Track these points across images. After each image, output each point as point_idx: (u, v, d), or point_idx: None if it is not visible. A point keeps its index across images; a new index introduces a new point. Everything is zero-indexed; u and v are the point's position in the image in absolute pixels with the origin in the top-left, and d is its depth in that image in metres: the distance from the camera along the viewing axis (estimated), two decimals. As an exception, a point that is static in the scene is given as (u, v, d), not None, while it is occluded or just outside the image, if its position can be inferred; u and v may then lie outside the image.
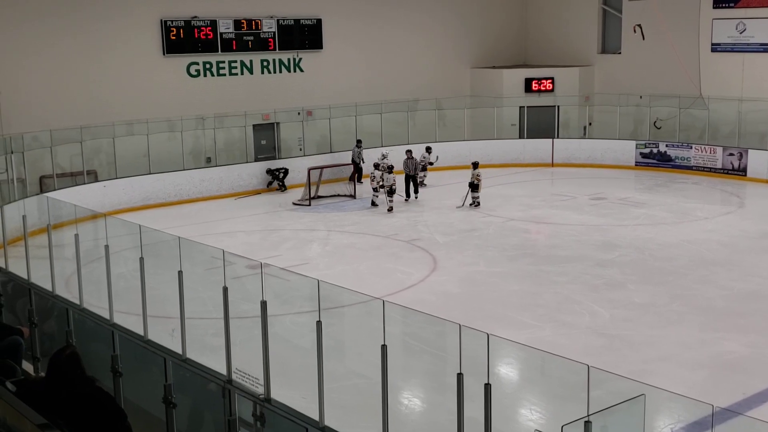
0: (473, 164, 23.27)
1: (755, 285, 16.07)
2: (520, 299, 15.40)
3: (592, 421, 5.90)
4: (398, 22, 30.83)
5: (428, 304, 14.32)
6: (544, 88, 31.51)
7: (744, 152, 26.33)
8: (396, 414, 8.58)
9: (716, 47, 28.77)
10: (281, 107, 27.92)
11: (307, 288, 10.83)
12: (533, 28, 34.26)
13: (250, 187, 25.98)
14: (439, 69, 31.91)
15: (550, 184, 26.23)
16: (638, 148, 28.63)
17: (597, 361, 8.59)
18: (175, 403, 8.79)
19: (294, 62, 28.59)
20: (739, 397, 11.03)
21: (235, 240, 19.91)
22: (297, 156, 27.54)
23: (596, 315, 14.55)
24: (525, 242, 19.51)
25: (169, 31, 25.94)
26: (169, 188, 24.48)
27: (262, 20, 27.61)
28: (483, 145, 29.70)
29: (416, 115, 30.11)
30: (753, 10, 27.68)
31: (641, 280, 16.47)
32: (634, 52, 30.79)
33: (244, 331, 9.11)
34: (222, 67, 27.16)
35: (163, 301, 10.18)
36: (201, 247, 12.10)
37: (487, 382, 6.53)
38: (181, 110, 25.90)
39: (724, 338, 13.32)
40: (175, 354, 9.14)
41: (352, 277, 16.52)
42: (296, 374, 9.94)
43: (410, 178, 24.24)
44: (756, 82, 27.62)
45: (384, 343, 7.17)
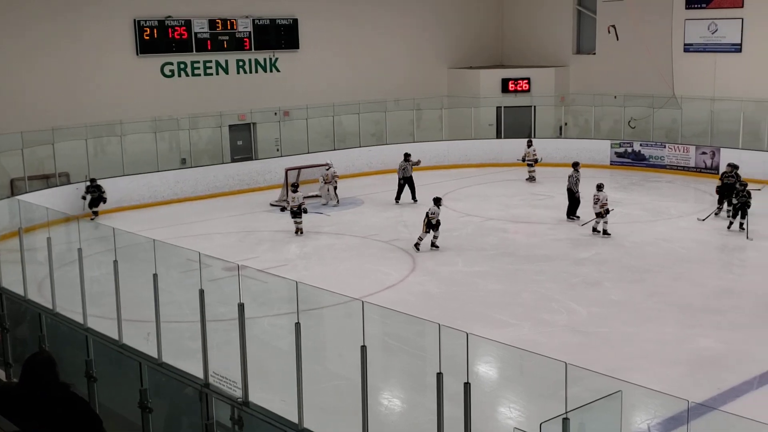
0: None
1: (729, 282, 16.21)
2: (499, 298, 15.43)
3: (570, 418, 5.92)
4: (375, 23, 30.81)
5: (408, 305, 14.30)
6: (521, 88, 31.62)
7: (716, 151, 26.56)
8: (376, 415, 8.55)
9: (689, 47, 29.00)
10: (257, 107, 27.80)
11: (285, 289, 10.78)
12: (509, 29, 34.37)
13: (226, 188, 25.83)
14: (416, 69, 31.93)
15: (527, 184, 26.29)
16: (613, 148, 28.79)
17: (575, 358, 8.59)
18: (151, 407, 8.72)
19: (270, 62, 28.48)
20: (714, 392, 11.13)
21: (212, 242, 19.78)
22: (274, 156, 27.43)
23: (574, 313, 14.61)
24: (503, 241, 19.56)
25: (142, 31, 25.74)
26: (143, 190, 24.29)
27: (237, 20, 27.47)
28: (460, 145, 29.77)
29: (394, 116, 30.09)
30: (724, 10, 27.94)
31: (617, 278, 16.56)
32: (608, 52, 30.97)
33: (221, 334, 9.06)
34: (197, 68, 26.99)
35: (138, 305, 10.08)
36: (176, 249, 12.00)
37: (467, 381, 6.53)
38: (156, 111, 25.72)
39: (700, 334, 13.43)
40: (151, 358, 9.06)
41: (331, 278, 16.45)
42: (275, 377, 9.88)
43: (405, 181, 23.68)
44: (727, 81, 27.87)
45: (363, 344, 7.14)
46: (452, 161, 28.81)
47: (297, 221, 20.20)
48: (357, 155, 28.56)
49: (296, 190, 20.65)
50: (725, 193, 20.68)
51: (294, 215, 20.23)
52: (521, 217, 21.90)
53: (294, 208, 20.19)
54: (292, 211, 20.26)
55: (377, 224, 21.40)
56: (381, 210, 23.07)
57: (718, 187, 21.06)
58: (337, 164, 26.18)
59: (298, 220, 20.19)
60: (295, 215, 20.20)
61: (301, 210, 20.19)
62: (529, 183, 26.29)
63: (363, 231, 20.72)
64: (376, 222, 21.68)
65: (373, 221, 21.80)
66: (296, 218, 20.20)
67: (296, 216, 20.19)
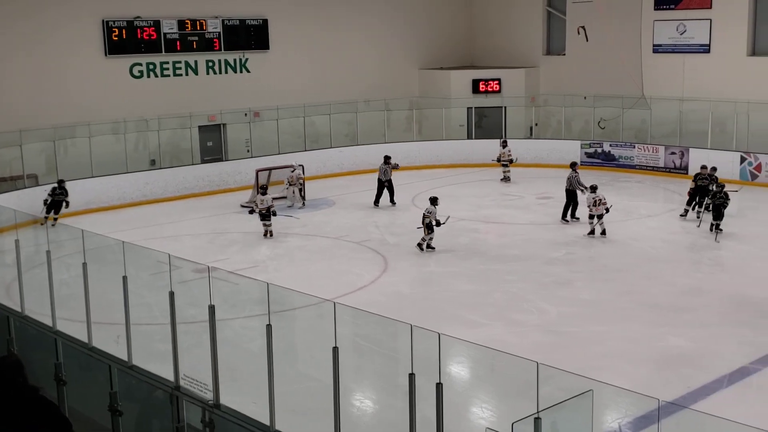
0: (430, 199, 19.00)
1: (698, 281, 16.38)
2: (471, 298, 15.46)
3: (541, 417, 5.94)
4: (345, 24, 30.78)
5: (379, 305, 14.29)
6: (491, 89, 31.75)
7: (685, 151, 26.83)
8: (348, 416, 8.53)
9: (657, 48, 29.29)
10: (227, 108, 27.67)
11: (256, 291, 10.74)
12: (479, 29, 34.50)
13: (196, 189, 25.67)
14: (387, 70, 31.95)
15: (498, 184, 26.40)
16: (583, 148, 28.99)
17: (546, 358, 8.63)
18: (121, 411, 8.65)
19: (240, 63, 28.36)
20: (684, 390, 11.22)
21: (182, 243, 19.65)
22: (244, 157, 27.30)
23: (545, 312, 14.68)
24: (475, 242, 19.61)
25: (111, 32, 25.51)
26: (112, 191, 24.07)
27: (206, 20, 27.32)
28: (432, 145, 29.83)
29: (365, 116, 30.08)
30: (693, 11, 28.25)
31: (588, 277, 16.67)
32: (578, 53, 31.19)
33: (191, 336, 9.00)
34: (166, 68, 26.80)
35: (107, 307, 9.99)
36: (146, 251, 11.90)
37: (439, 381, 6.53)
38: (125, 112, 25.50)
39: (670, 333, 13.54)
40: (121, 361, 9.00)
41: (303, 280, 16.39)
42: (246, 379, 9.84)
43: (385, 184, 23.35)
44: (696, 82, 28.18)
45: (335, 345, 7.13)
46: (423, 162, 28.86)
47: (266, 224, 20.00)
48: (328, 156, 28.52)
49: (265, 192, 20.46)
50: (698, 196, 20.72)
51: (263, 218, 20.00)
52: (492, 218, 21.98)
53: (263, 211, 19.99)
54: (260, 213, 20.05)
55: (349, 225, 21.37)
56: (352, 211, 23.04)
57: (692, 189, 21.00)
58: (308, 165, 26.14)
59: (267, 222, 19.99)
60: (264, 218, 19.97)
61: (270, 212, 20.01)
62: (503, 183, 26.39)
63: (334, 232, 20.68)
64: (347, 223, 21.65)
65: (344, 222, 21.77)
66: (265, 221, 19.99)
67: (265, 218, 19.97)
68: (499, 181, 26.51)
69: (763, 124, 26.24)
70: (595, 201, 19.21)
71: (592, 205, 19.31)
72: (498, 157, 26.87)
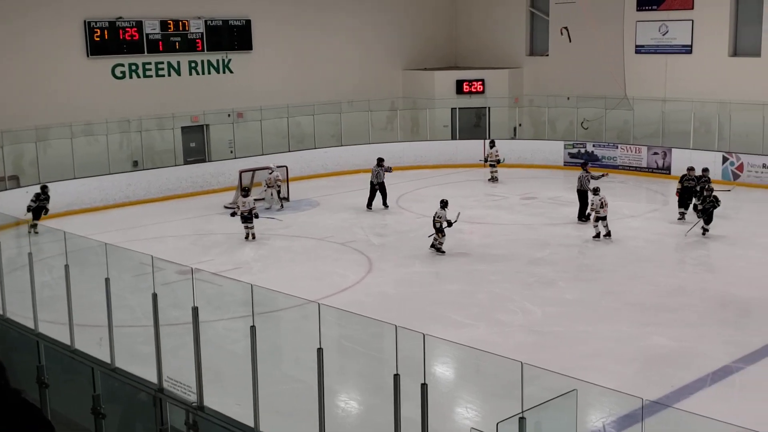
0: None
1: (681, 280, 16.45)
2: (455, 299, 15.47)
3: (526, 417, 5.95)
4: (329, 24, 30.74)
5: (364, 306, 14.29)
6: (475, 89, 31.79)
7: (668, 151, 26.97)
8: (333, 417, 8.52)
9: (640, 49, 29.44)
10: (210, 109, 27.58)
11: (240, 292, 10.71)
12: (463, 30, 34.54)
13: (179, 190, 25.56)
14: (371, 71, 31.93)
15: (482, 185, 26.45)
16: (566, 149, 29.08)
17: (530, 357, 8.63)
18: (104, 413, 8.61)
19: (223, 63, 28.26)
20: (668, 389, 11.26)
21: (165, 245, 19.56)
22: (228, 158, 27.22)
23: (529, 313, 14.71)
24: (459, 242, 19.60)
25: (92, 32, 25.36)
26: (94, 193, 23.93)
27: (189, 21, 27.21)
28: (416, 146, 29.84)
29: (349, 117, 30.06)
30: (675, 12, 28.41)
31: (572, 277, 16.72)
32: (561, 54, 31.28)
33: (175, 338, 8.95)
34: (148, 69, 26.68)
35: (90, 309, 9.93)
36: (129, 253, 11.85)
37: (424, 382, 6.53)
38: (107, 113, 25.36)
39: (653, 332, 13.59)
40: (104, 363, 8.95)
41: (287, 281, 16.35)
42: (230, 381, 9.81)
43: (377, 186, 23.01)
44: (678, 82, 28.34)
45: (320, 347, 7.11)
46: (407, 162, 28.87)
47: (248, 226, 19.83)
48: (312, 157, 28.49)
49: (247, 194, 20.31)
50: (686, 197, 20.73)
51: (245, 220, 19.82)
52: (477, 218, 21.99)
53: (245, 213, 19.81)
54: (242, 216, 19.87)
55: (333, 226, 21.34)
56: (337, 212, 23.00)
57: (679, 191, 20.95)
58: (292, 166, 26.10)
59: (250, 225, 19.82)
60: (246, 220, 19.79)
61: (252, 215, 19.84)
62: (491, 183, 26.43)
63: (319, 233, 20.65)
64: (332, 223, 21.62)
65: (329, 223, 21.74)
66: (247, 223, 19.82)
67: (247, 221, 19.79)
68: (487, 181, 26.55)
69: (744, 124, 26.43)
70: (602, 203, 19.01)
71: (599, 207, 19.02)
72: (485, 157, 26.92)
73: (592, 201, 19.31)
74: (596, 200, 19.08)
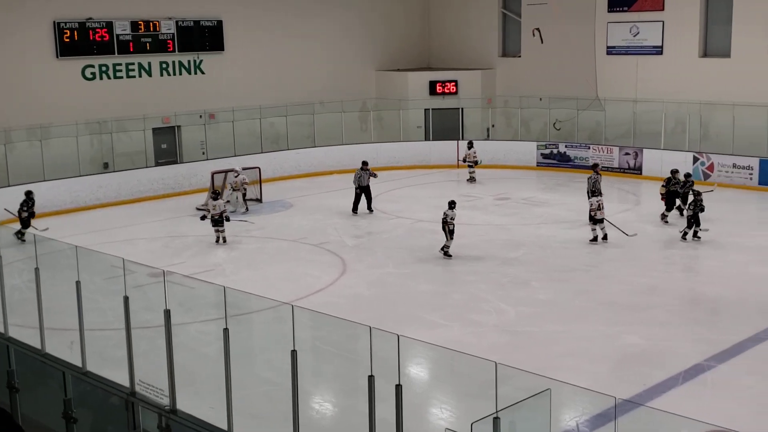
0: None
1: (653, 279, 16.57)
2: (430, 299, 15.49)
3: (500, 417, 5.97)
4: (301, 24, 30.65)
5: (338, 308, 14.26)
6: (448, 90, 31.86)
7: (639, 151, 27.20)
8: (307, 419, 8.48)
9: (611, 50, 29.65)
10: (182, 110, 27.41)
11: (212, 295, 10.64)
12: (436, 31, 34.61)
13: (151, 192, 25.37)
14: (343, 71, 31.89)
15: (456, 185, 26.51)
16: (539, 149, 29.23)
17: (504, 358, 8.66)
18: (75, 417, 8.54)
19: (194, 64, 28.10)
20: (641, 388, 11.34)
21: (136, 247, 19.40)
22: (200, 160, 27.07)
23: (503, 313, 14.75)
24: (433, 243, 19.61)
25: (62, 33, 25.11)
26: (64, 195, 23.69)
27: (160, 21, 27.03)
28: (390, 147, 29.84)
29: (323, 118, 30.01)
30: (646, 13, 28.65)
31: (545, 277, 16.79)
32: (533, 55, 31.43)
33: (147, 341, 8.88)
34: (119, 70, 26.45)
35: (60, 313, 9.83)
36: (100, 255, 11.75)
37: (398, 383, 6.52)
38: (77, 114, 25.11)
39: (626, 332, 13.69)
40: (75, 367, 8.87)
41: (260, 283, 16.30)
42: (203, 384, 9.74)
43: (363, 190, 22.54)
44: (649, 83, 28.57)
45: (294, 349, 7.08)
46: (381, 163, 28.85)
47: (219, 229, 19.58)
48: (285, 158, 28.41)
49: (217, 197, 20.04)
50: (671, 201, 20.78)
51: (215, 223, 19.53)
52: (450, 219, 22.02)
53: (215, 216, 19.55)
54: (213, 219, 19.59)
55: (307, 227, 21.28)
56: (310, 213, 22.95)
57: (664, 194, 20.86)
58: (265, 167, 26.02)
59: (221, 228, 19.57)
60: (217, 223, 19.52)
61: (223, 218, 19.60)
62: (468, 184, 26.48)
63: (292, 234, 20.58)
64: (305, 225, 21.56)
65: (302, 224, 21.67)
66: (218, 226, 19.55)
67: (218, 224, 19.53)
68: (465, 182, 26.61)
69: (715, 124, 26.71)
70: (599, 205, 18.99)
71: (597, 209, 18.99)
72: (464, 157, 27.01)
73: (590, 203, 19.29)
74: (594, 202, 19.09)
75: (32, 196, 20.55)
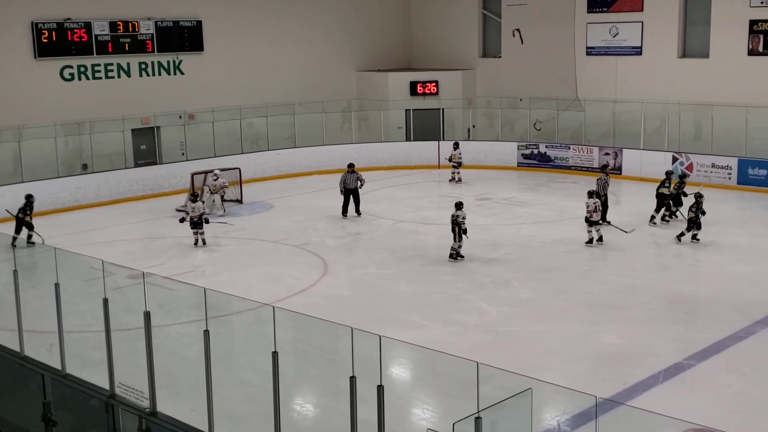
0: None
1: (632, 279, 16.67)
2: (411, 300, 15.50)
3: (482, 416, 5.98)
4: (281, 25, 30.60)
5: (320, 309, 14.23)
6: (429, 91, 31.89)
7: (619, 152, 27.35)
8: (288, 421, 8.46)
9: (591, 50, 29.81)
10: (161, 111, 27.28)
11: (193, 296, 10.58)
12: (416, 32, 34.65)
13: (130, 193, 25.24)
14: (324, 72, 31.85)
15: (437, 186, 26.55)
16: (519, 150, 29.33)
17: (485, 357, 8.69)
18: (55, 420, 8.48)
19: (174, 65, 27.96)
20: (621, 387, 11.40)
21: (116, 249, 19.28)
22: (179, 161, 26.94)
23: (484, 313, 14.78)
24: (414, 243, 19.67)
25: (40, 34, 24.92)
26: (43, 197, 23.44)
27: (139, 22, 26.88)
28: (370, 147, 29.83)
29: (303, 119, 29.96)
30: (625, 14, 28.83)
31: (526, 277, 16.84)
32: (513, 55, 31.52)
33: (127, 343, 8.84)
34: (98, 71, 26.28)
35: (39, 315, 9.76)
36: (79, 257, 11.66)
37: (380, 383, 6.52)
38: (56, 115, 24.94)
39: (605, 331, 13.76)
40: (54, 370, 8.81)
41: (241, 284, 16.25)
42: (184, 386, 9.70)
43: (350, 193, 22.11)
44: (628, 83, 28.75)
45: (275, 350, 7.07)
46: (362, 164, 28.77)
47: (198, 232, 19.39)
48: (266, 159, 28.35)
49: (196, 199, 19.81)
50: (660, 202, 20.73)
51: (194, 226, 19.32)
52: (431, 219, 22.06)
53: (194, 218, 19.34)
54: (192, 221, 19.38)
55: (287, 228, 21.23)
56: (291, 214, 22.90)
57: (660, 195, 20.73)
58: (246, 168, 25.96)
59: (200, 230, 19.39)
60: (196, 225, 19.32)
61: (203, 220, 19.43)
62: (452, 184, 26.49)
63: (273, 235, 20.53)
64: (286, 226, 21.51)
65: (283, 225, 21.63)
66: (197, 229, 19.36)
67: (197, 226, 19.33)
68: (448, 182, 26.65)
69: (694, 124, 26.91)
70: (596, 207, 18.83)
71: (593, 211, 18.81)
72: (449, 157, 27.05)
73: (587, 204, 19.00)
74: (591, 204, 18.89)
75: (32, 200, 20.12)
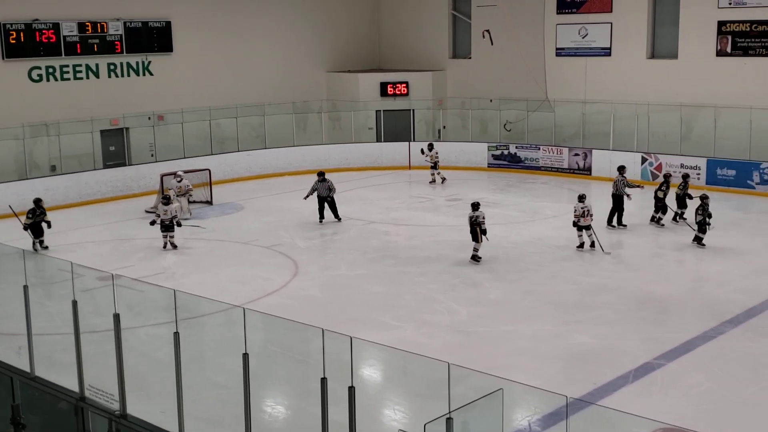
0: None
1: (601, 279, 16.80)
2: (382, 301, 15.51)
3: (453, 417, 6.00)
4: (250, 25, 30.50)
5: (291, 310, 14.20)
6: (399, 92, 31.94)
7: (588, 152, 27.56)
8: (259, 422, 8.44)
9: (560, 51, 30.03)
10: (130, 112, 27.07)
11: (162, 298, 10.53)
12: (386, 32, 34.68)
13: (99, 195, 25.02)
14: (294, 73, 31.79)
15: (408, 187, 26.60)
16: (490, 150, 29.45)
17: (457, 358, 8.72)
18: (24, 423, 8.41)
19: (143, 66, 27.76)
20: (591, 387, 11.48)
21: (84, 251, 19.10)
22: (149, 162, 26.75)
23: (455, 313, 14.83)
24: (385, 244, 19.68)
25: (8, 35, 24.63)
26: (11, 199, 23.17)
27: (107, 23, 26.65)
28: (341, 148, 29.83)
29: (274, 120, 29.87)
30: (594, 15, 29.06)
31: (496, 277, 16.92)
32: (483, 56, 31.64)
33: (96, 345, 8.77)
34: (66, 72, 26.03)
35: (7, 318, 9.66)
36: (47, 259, 11.55)
37: (351, 384, 6.52)
38: (24, 116, 24.67)
39: (575, 331, 13.85)
40: (23, 372, 8.73)
41: (211, 286, 16.17)
42: (154, 388, 9.64)
43: (324, 200, 21.57)
44: (598, 84, 28.99)
45: (245, 352, 7.04)
46: (333, 165, 28.84)
47: (169, 234, 19.19)
48: (236, 160, 28.24)
49: (168, 202, 19.61)
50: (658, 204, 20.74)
51: (165, 228, 19.14)
52: (402, 220, 22.11)
53: (166, 221, 19.16)
54: (162, 224, 19.20)
55: (258, 229, 21.16)
56: (261, 215, 22.83)
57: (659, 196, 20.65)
58: (215, 169, 25.85)
59: (171, 233, 19.22)
60: (167, 228, 19.14)
61: (174, 223, 19.27)
62: (432, 186, 26.51)
63: (243, 236, 20.45)
64: (256, 227, 21.44)
65: (253, 226, 21.55)
66: (168, 232, 19.17)
67: (168, 229, 19.14)
68: (429, 184, 26.68)
69: (662, 125, 27.18)
70: (584, 211, 18.40)
71: (581, 216, 18.42)
72: (427, 154, 27.09)
73: (575, 208, 18.60)
74: (579, 207, 18.45)
75: (41, 204, 19.68)
